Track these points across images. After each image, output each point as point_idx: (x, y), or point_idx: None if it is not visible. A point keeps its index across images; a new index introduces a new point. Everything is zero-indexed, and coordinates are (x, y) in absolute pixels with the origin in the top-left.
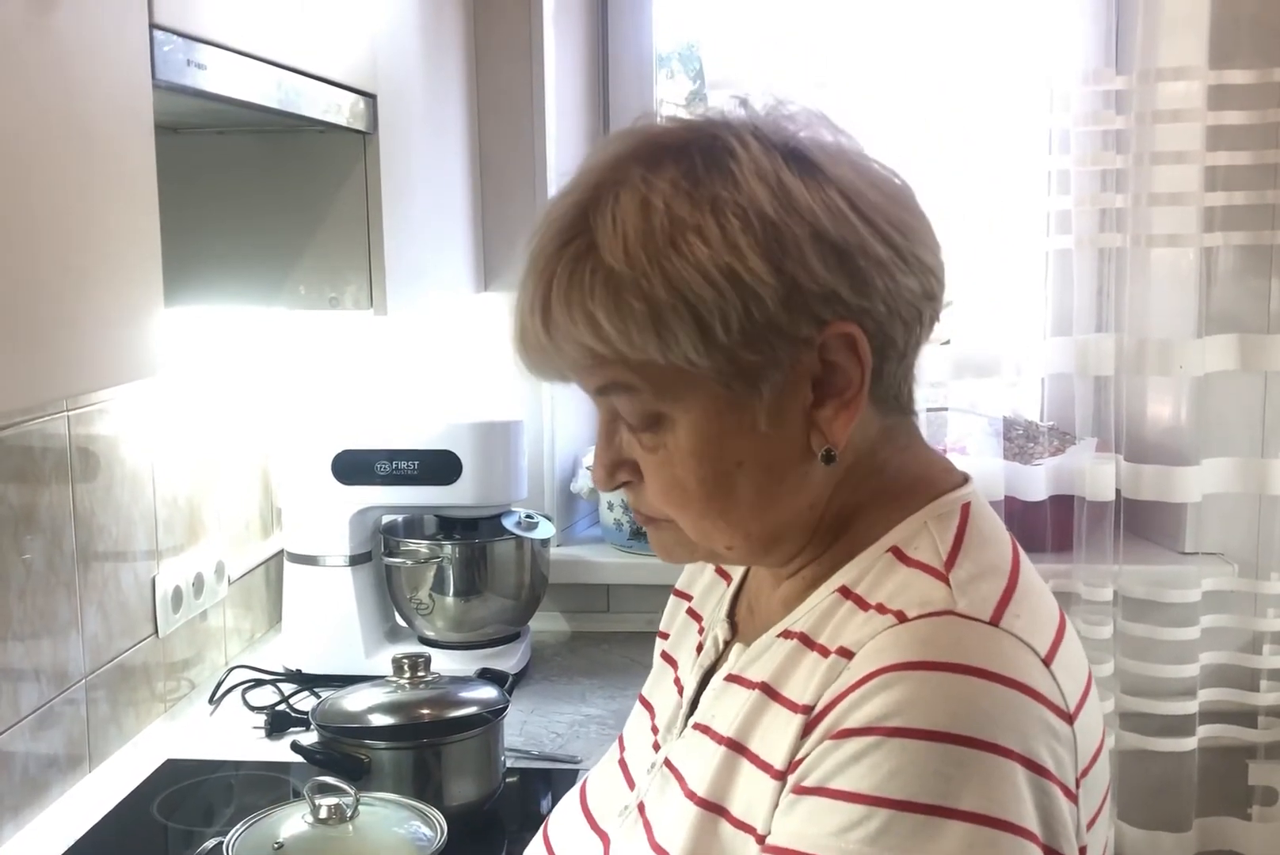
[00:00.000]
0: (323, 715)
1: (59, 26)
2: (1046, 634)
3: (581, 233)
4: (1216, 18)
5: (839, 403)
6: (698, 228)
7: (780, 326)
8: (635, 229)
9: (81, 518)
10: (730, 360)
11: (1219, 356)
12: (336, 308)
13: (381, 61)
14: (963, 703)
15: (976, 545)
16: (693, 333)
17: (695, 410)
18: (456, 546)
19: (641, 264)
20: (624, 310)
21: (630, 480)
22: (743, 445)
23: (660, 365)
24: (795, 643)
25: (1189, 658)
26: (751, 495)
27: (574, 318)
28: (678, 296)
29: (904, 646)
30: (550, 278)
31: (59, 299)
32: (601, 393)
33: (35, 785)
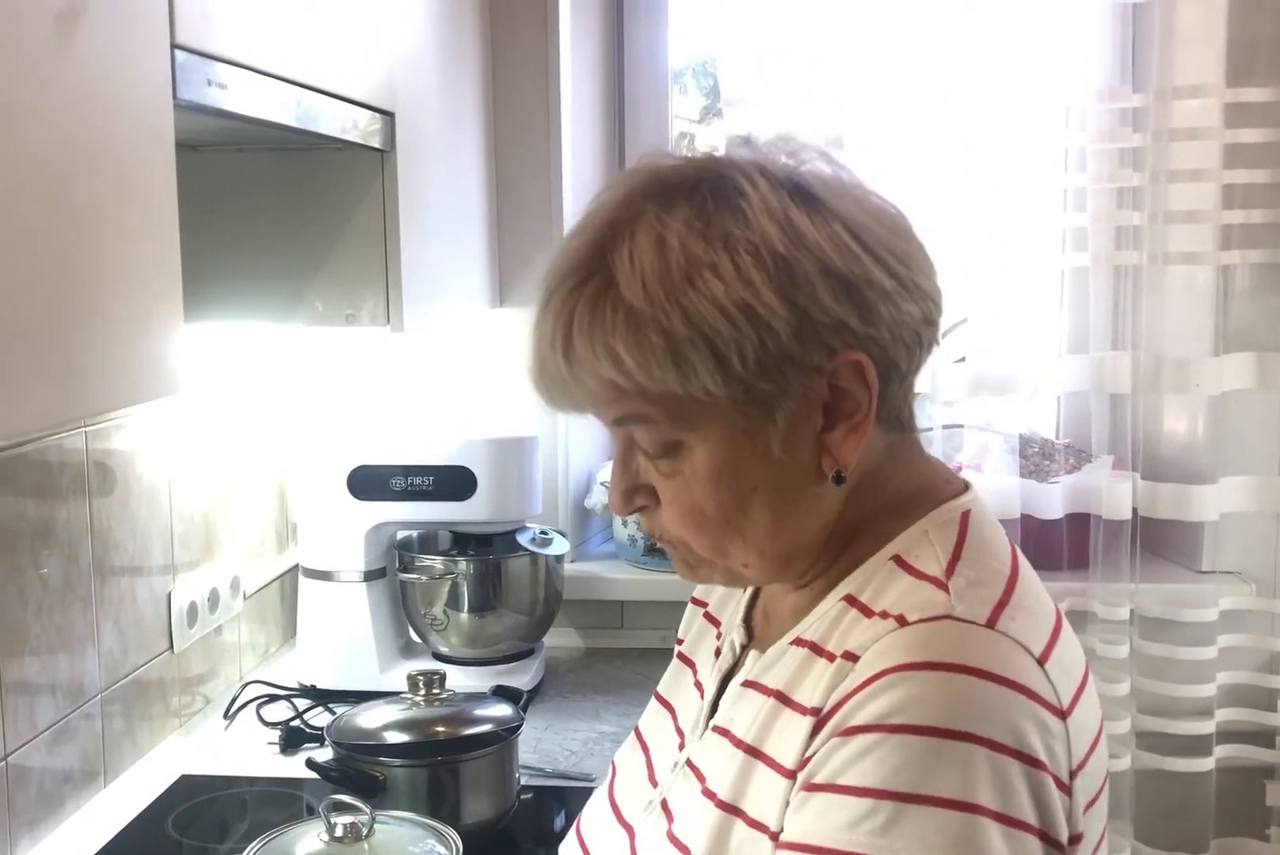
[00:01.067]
0: (338, 732)
1: (82, 47)
2: (1041, 635)
3: (599, 271)
4: (1233, 35)
5: (848, 426)
6: (712, 265)
7: (793, 356)
8: (652, 266)
9: (98, 533)
10: (746, 390)
11: (1236, 374)
12: (353, 324)
13: (399, 80)
14: (960, 701)
15: (975, 552)
16: (710, 365)
17: (712, 438)
18: (471, 562)
19: (660, 301)
20: (644, 345)
21: (646, 505)
22: (758, 470)
23: (678, 396)
24: (806, 651)
25: (1206, 677)
26: (766, 517)
27: (596, 352)
28: (695, 331)
29: (905, 649)
30: (571, 314)
31: (81, 317)
32: (619, 423)
33: (51, 801)
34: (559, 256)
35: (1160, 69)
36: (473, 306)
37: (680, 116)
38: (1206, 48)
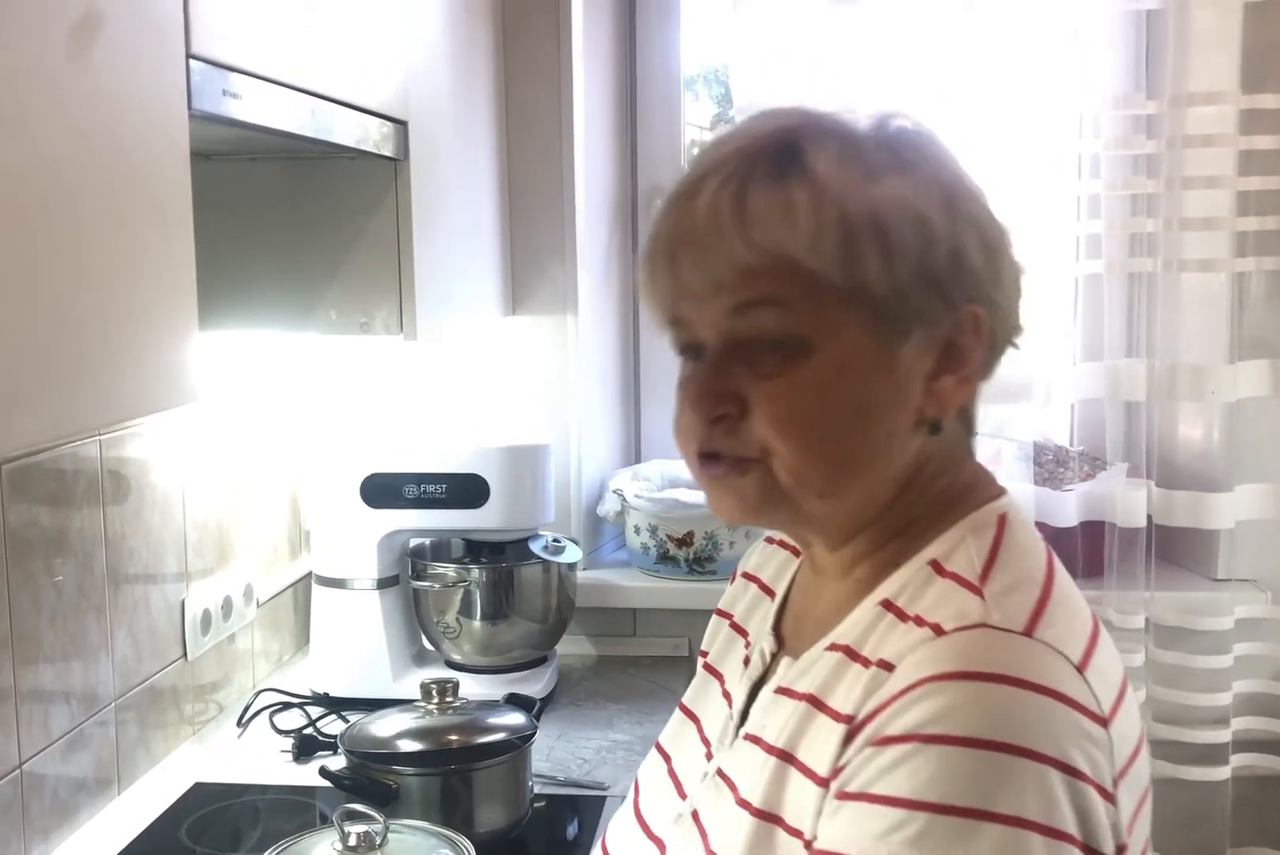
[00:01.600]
0: (351, 740)
1: (99, 58)
2: (1079, 641)
3: (787, 143)
4: (1248, 42)
5: (955, 379)
6: (897, 169)
7: (942, 283)
8: (842, 154)
9: (112, 541)
10: (895, 298)
11: (1251, 382)
12: (367, 333)
13: (413, 89)
14: (997, 711)
15: (1011, 557)
16: (877, 257)
17: (843, 342)
18: (484, 570)
19: (844, 181)
20: (824, 215)
21: (731, 413)
22: (873, 390)
23: (828, 285)
24: (840, 655)
25: (1222, 686)
26: (863, 443)
27: (772, 206)
28: (872, 219)
29: (941, 658)
30: (750, 170)
31: (96, 327)
32: (744, 310)
33: (65, 808)
34: (731, 139)
35: (1175, 75)
36: (486, 315)
37: (692, 124)
38: (1221, 54)
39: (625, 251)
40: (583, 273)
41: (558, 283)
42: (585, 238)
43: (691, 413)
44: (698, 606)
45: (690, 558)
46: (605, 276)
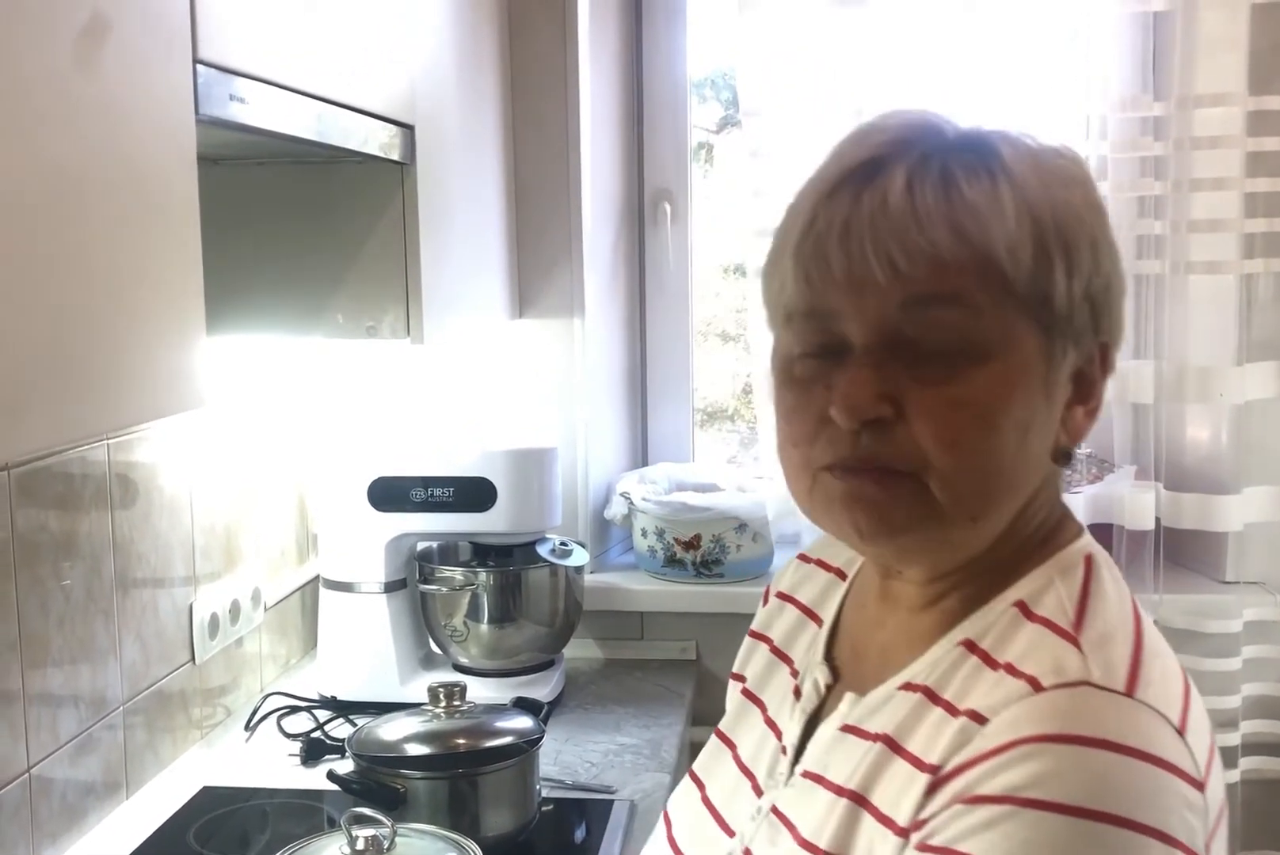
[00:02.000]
0: (359, 744)
1: (106, 63)
2: (1176, 699)
3: (982, 141)
4: (1255, 43)
5: (1084, 410)
6: (1068, 185)
7: (1097, 309)
8: (1031, 156)
9: (120, 545)
10: (1067, 316)
11: (1260, 384)
12: (374, 336)
13: (419, 93)
14: (1101, 779)
15: (1101, 602)
16: (1062, 266)
17: (1018, 354)
18: (491, 574)
19: (1039, 193)
20: (1022, 217)
21: (888, 415)
22: (1034, 409)
23: (1012, 295)
24: (919, 697)
25: (1230, 689)
26: (1020, 466)
27: (986, 198)
28: (1059, 233)
29: (1042, 718)
30: (948, 161)
31: (103, 331)
32: (922, 304)
33: (74, 812)
34: (888, 129)
35: (1182, 77)
36: (493, 318)
37: (698, 127)
38: (1228, 56)
39: (632, 254)
40: (589, 276)
41: (564, 286)
42: (592, 241)
43: (839, 412)
44: (705, 610)
45: (697, 561)
46: (612, 279)
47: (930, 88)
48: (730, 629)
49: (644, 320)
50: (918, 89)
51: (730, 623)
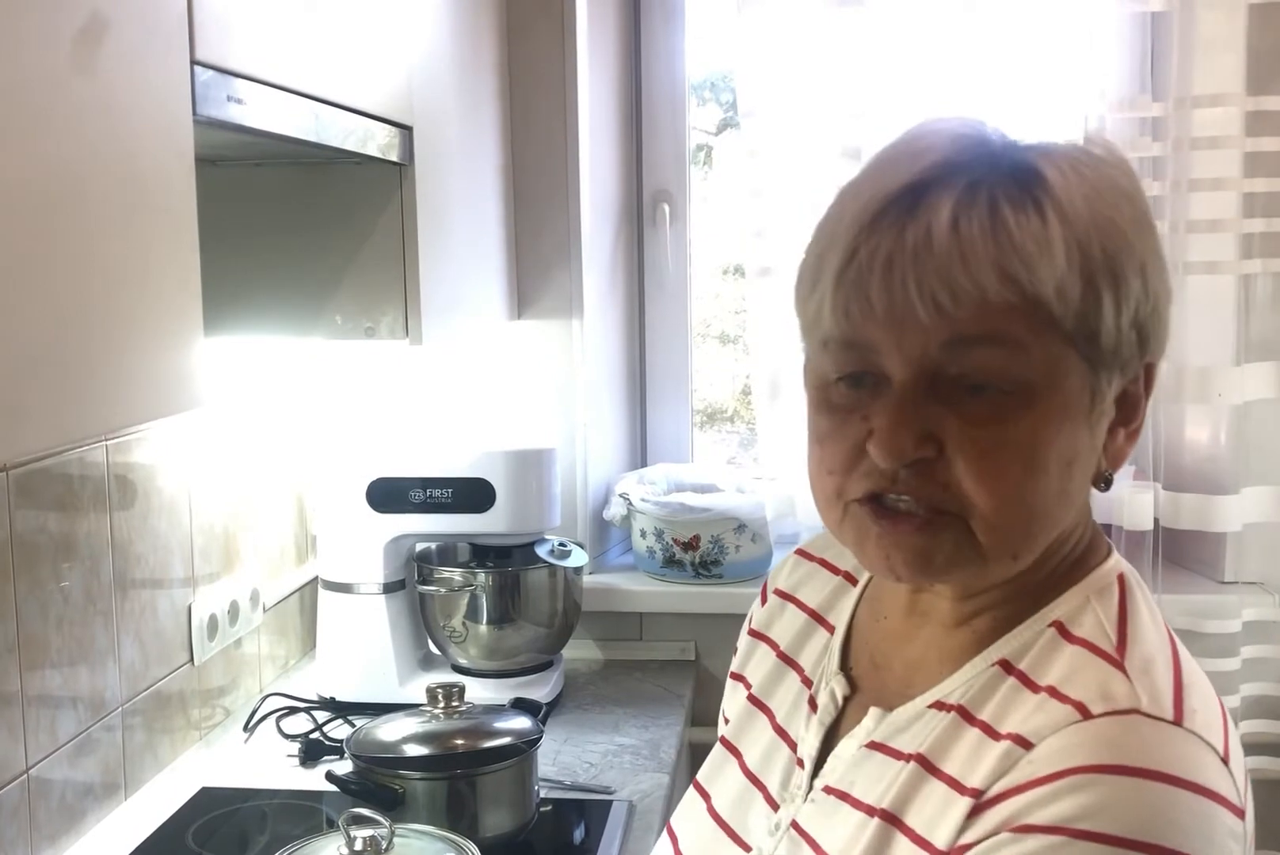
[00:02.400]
0: (357, 745)
1: (104, 65)
2: (1218, 725)
3: (1025, 164)
4: (1253, 44)
5: (1127, 432)
6: (1118, 205)
7: (1144, 334)
8: (1079, 180)
9: (119, 546)
10: (1114, 348)
11: (1258, 384)
12: (373, 337)
13: (418, 93)
14: (1153, 811)
15: (1140, 623)
16: (1110, 301)
17: (1064, 391)
18: (490, 574)
19: (1089, 221)
20: (1071, 254)
21: (929, 455)
22: (1079, 444)
23: (1057, 332)
24: (953, 716)
25: (1229, 689)
26: (1063, 501)
27: (1036, 239)
28: (1108, 264)
29: (1093, 748)
30: (995, 193)
31: (101, 332)
32: (965, 345)
33: (72, 813)
34: (924, 151)
35: (1180, 78)
36: (491, 319)
37: (698, 129)
38: (1226, 56)
39: (631, 255)
40: (588, 277)
41: (563, 287)
42: (591, 242)
43: (880, 453)
44: (704, 610)
45: (696, 561)
46: (611, 281)
47: (929, 88)
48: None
49: (643, 321)
50: (916, 89)
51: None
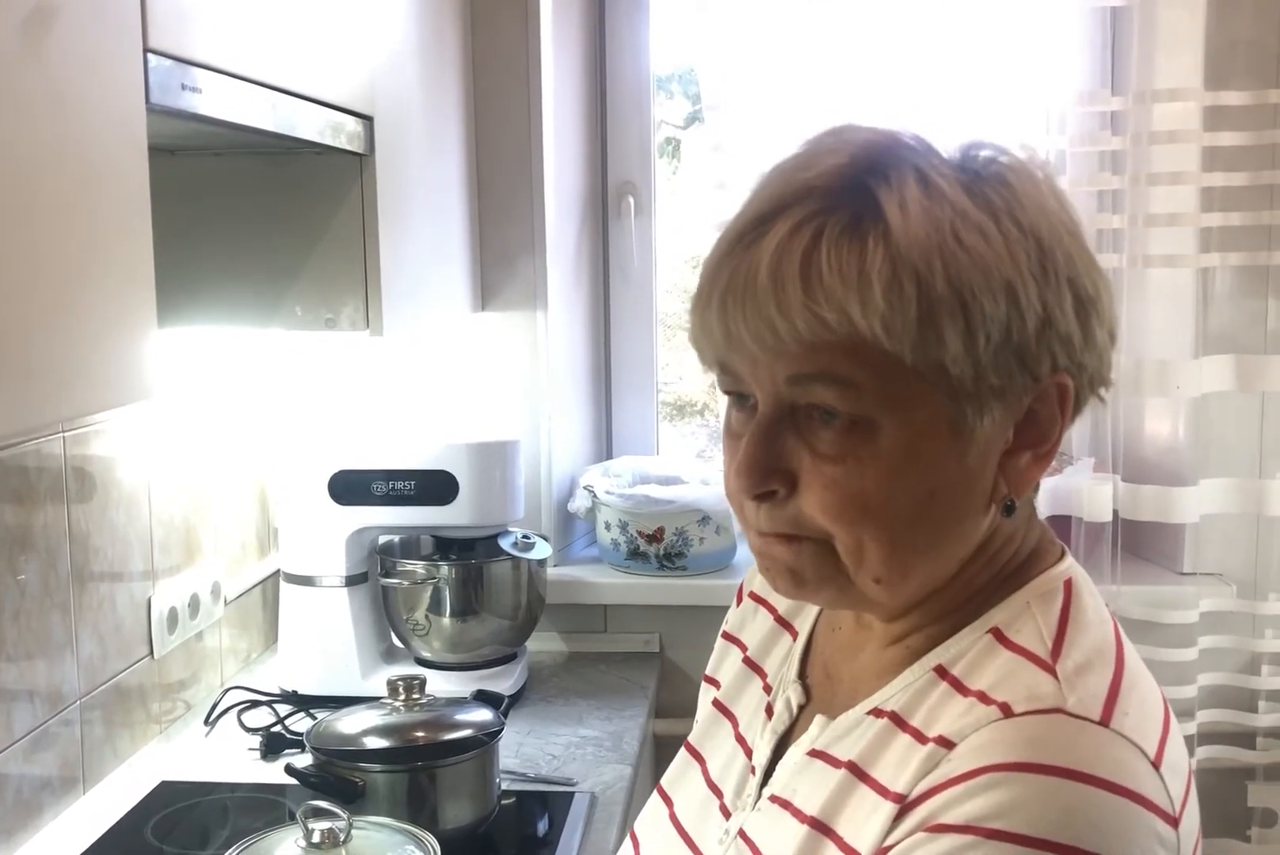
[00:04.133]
0: (317, 737)
1: (53, 51)
2: (1154, 730)
3: (861, 198)
4: (1211, 39)
5: (1033, 455)
6: (980, 228)
7: (1027, 357)
8: (920, 210)
9: (77, 538)
10: (976, 377)
11: (1216, 377)
12: (333, 328)
13: (379, 83)
14: (1069, 811)
15: (1081, 628)
16: (959, 336)
17: (913, 424)
18: (453, 567)
19: (926, 251)
20: (899, 293)
21: (779, 489)
22: (943, 474)
23: (898, 365)
24: (885, 722)
25: (1187, 679)
26: (929, 529)
27: (846, 278)
28: (955, 291)
29: (1011, 745)
30: (820, 234)
31: (51, 321)
32: (802, 382)
33: (29, 807)
34: (798, 171)
35: (1140, 73)
36: (454, 310)
37: (666, 122)
38: (1186, 51)
39: (596, 247)
40: (553, 268)
41: (527, 278)
42: (555, 233)
43: (735, 485)
44: (668, 602)
45: (661, 554)
46: (575, 272)
47: (890, 82)
48: (693, 621)
49: (608, 313)
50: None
51: (693, 615)
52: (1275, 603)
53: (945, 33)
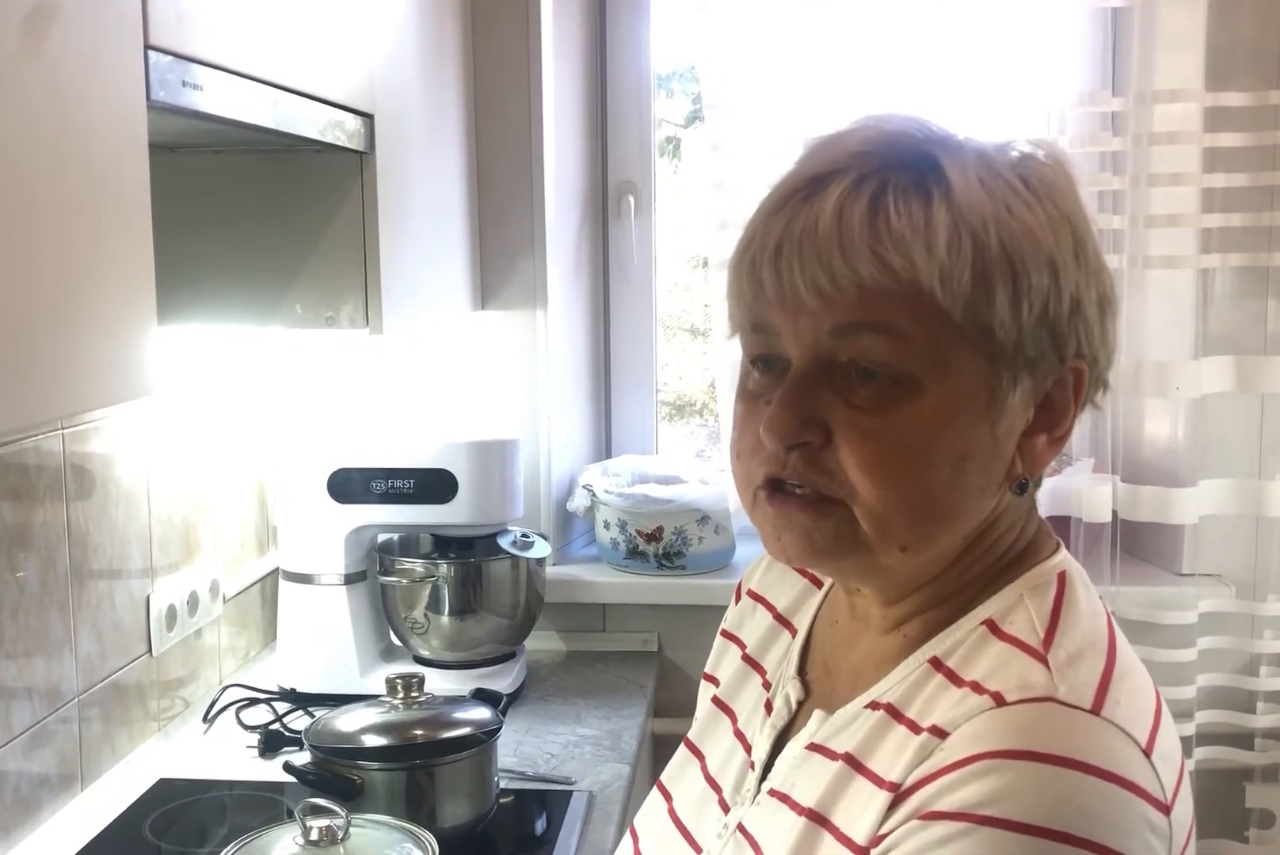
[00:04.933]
0: (315, 735)
1: (54, 48)
2: (1146, 719)
3: (924, 158)
4: (1212, 40)
5: (1049, 438)
6: (1028, 204)
7: (1058, 335)
8: (979, 179)
9: (76, 536)
10: (1016, 345)
11: (1216, 378)
12: (333, 326)
13: (379, 81)
14: (1060, 797)
15: (1073, 619)
16: (1008, 297)
17: (954, 384)
18: (452, 565)
19: (984, 216)
20: (961, 244)
21: (813, 440)
22: (976, 440)
23: (949, 321)
24: (882, 714)
25: (1186, 680)
26: (956, 497)
27: (915, 226)
28: (1008, 255)
29: (1003, 733)
30: (887, 183)
31: (51, 319)
32: (851, 332)
33: (27, 805)
34: (854, 134)
35: (1140, 73)
36: (454, 309)
37: (668, 121)
38: (1186, 52)
39: (595, 246)
40: (553, 267)
41: (527, 277)
42: (555, 232)
43: (766, 435)
44: (667, 601)
45: (659, 553)
46: (575, 272)
47: (891, 82)
48: (692, 621)
49: (608, 312)
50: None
51: (692, 615)
52: (1274, 604)
53: (946, 33)
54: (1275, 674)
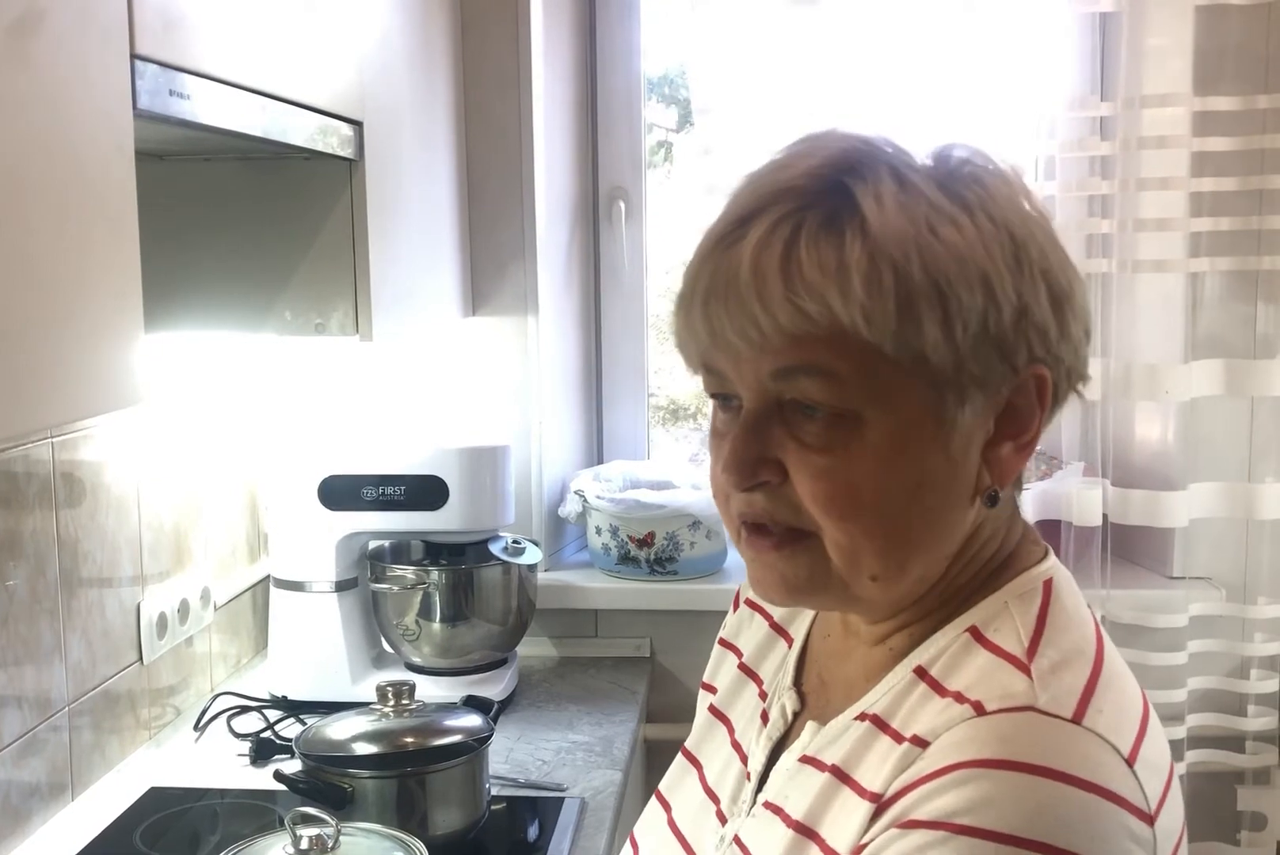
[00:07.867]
0: (306, 743)
1: (38, 55)
2: (1129, 728)
3: (839, 193)
4: (1200, 45)
5: (1015, 445)
6: (954, 221)
7: (1004, 347)
8: (896, 203)
9: (66, 544)
10: (956, 366)
11: (1206, 381)
12: (323, 334)
13: (368, 88)
14: (1038, 807)
15: (1059, 628)
16: (937, 324)
17: (897, 414)
18: (443, 572)
19: (901, 234)
20: (878, 283)
21: (770, 480)
22: (930, 465)
23: (880, 356)
24: (869, 725)
25: (1177, 683)
26: (920, 523)
27: (825, 270)
28: (932, 281)
29: (982, 742)
30: (799, 228)
31: (38, 327)
32: (787, 376)
33: (17, 814)
34: (776, 172)
35: (1129, 78)
36: (444, 315)
37: (659, 126)
38: (1175, 57)
39: (587, 252)
40: (543, 273)
41: (518, 283)
42: (546, 238)
43: (724, 478)
44: (659, 607)
45: (651, 558)
46: (566, 277)
47: (881, 86)
48: (684, 626)
49: (599, 318)
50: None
51: (684, 620)
52: (1264, 606)
53: (936, 37)
54: (1266, 677)
